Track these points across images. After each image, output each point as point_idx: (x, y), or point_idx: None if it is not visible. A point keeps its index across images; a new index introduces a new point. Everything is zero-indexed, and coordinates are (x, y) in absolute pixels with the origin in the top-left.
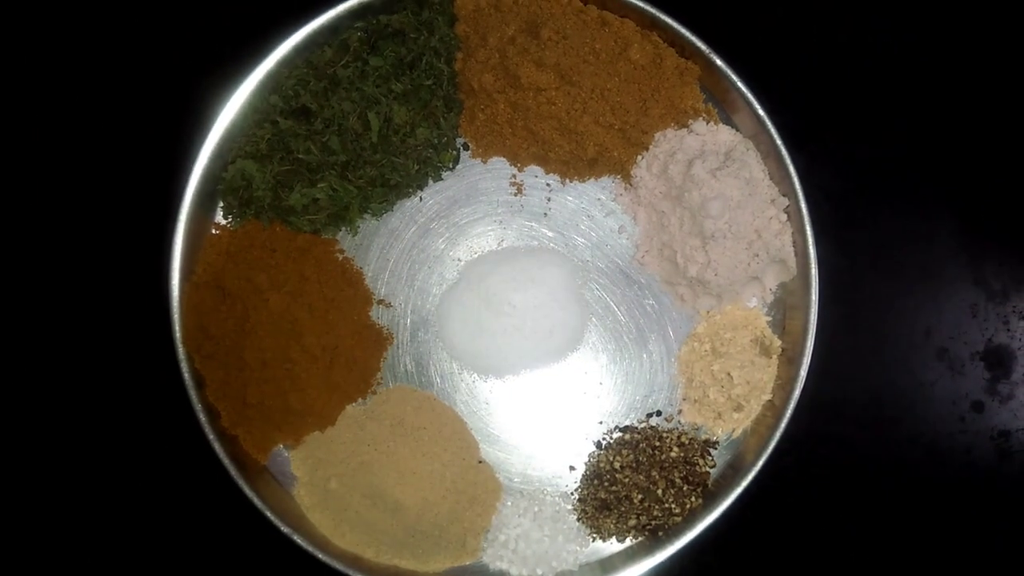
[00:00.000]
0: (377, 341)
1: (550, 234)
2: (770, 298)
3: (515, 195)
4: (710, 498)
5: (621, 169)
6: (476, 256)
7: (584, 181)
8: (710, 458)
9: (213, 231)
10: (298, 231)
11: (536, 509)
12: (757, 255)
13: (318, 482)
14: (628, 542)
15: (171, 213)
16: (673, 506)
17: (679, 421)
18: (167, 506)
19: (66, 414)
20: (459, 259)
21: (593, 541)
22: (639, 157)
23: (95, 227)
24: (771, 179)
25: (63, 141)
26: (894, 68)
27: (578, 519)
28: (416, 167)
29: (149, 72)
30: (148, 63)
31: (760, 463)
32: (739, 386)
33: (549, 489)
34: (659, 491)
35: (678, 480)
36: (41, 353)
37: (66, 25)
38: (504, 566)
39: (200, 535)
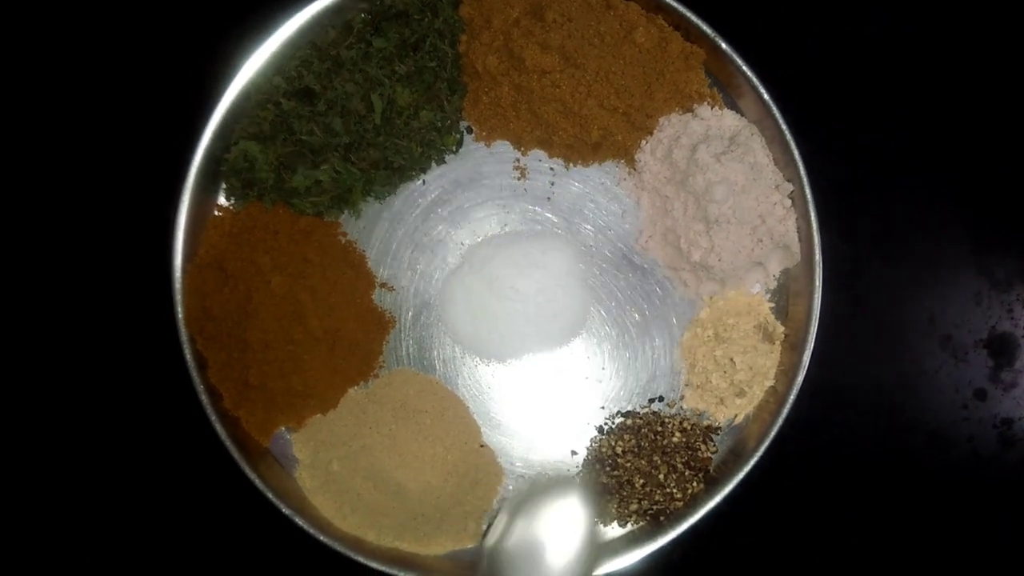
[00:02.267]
0: (379, 324)
1: (554, 218)
2: (773, 284)
3: (519, 179)
4: (712, 483)
5: (625, 153)
6: (479, 240)
7: (588, 165)
8: (712, 444)
9: (216, 213)
10: (301, 213)
11: None
12: (761, 241)
13: (320, 465)
14: (629, 527)
15: (174, 194)
16: (675, 491)
17: (681, 406)
18: (169, 488)
19: (68, 396)
20: (462, 243)
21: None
22: (643, 141)
23: (98, 209)
24: (775, 164)
25: (66, 123)
26: (899, 55)
27: None
28: (419, 150)
29: (152, 53)
30: (151, 44)
31: (762, 449)
32: (741, 372)
33: (551, 473)
34: (661, 476)
35: (680, 465)
36: (43, 335)
37: (69, 7)
38: None
39: (201, 517)
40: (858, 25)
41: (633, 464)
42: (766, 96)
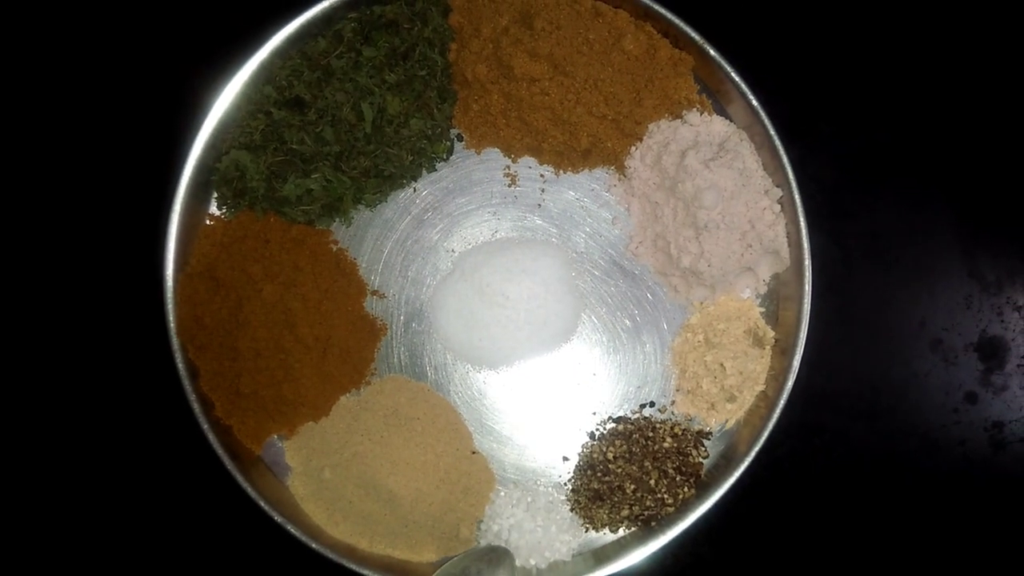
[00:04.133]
0: (371, 332)
1: (544, 225)
2: (763, 289)
3: (509, 186)
4: (703, 489)
5: (615, 160)
6: (470, 247)
7: (578, 172)
8: (703, 449)
9: (207, 222)
10: (292, 222)
11: (529, 499)
12: (750, 246)
13: (312, 472)
14: (621, 532)
15: (165, 204)
16: (666, 496)
17: (672, 412)
18: (161, 496)
19: (61, 406)
20: (453, 250)
21: (586, 531)
22: (633, 148)
23: (89, 218)
24: (765, 170)
25: (57, 132)
26: (888, 59)
27: (571, 509)
28: (410, 158)
29: (143, 63)
30: (142, 54)
31: (753, 454)
32: (732, 377)
33: (542, 479)
34: (652, 481)
35: (671, 471)
36: (36, 345)
37: (60, 16)
38: None
39: (194, 525)
40: (846, 30)
41: (624, 470)
42: (755, 101)
